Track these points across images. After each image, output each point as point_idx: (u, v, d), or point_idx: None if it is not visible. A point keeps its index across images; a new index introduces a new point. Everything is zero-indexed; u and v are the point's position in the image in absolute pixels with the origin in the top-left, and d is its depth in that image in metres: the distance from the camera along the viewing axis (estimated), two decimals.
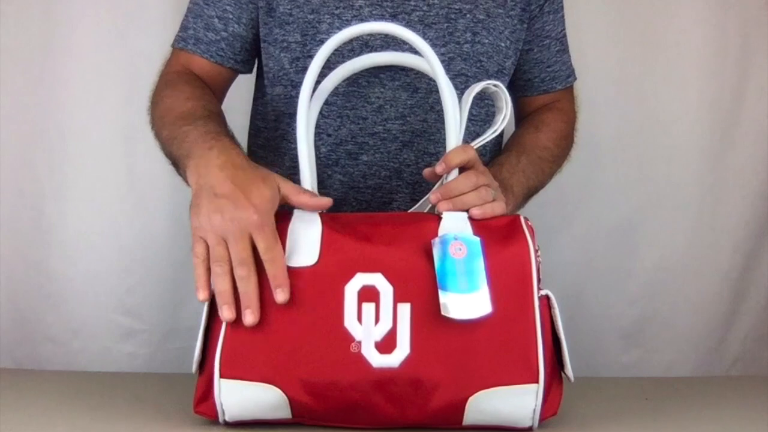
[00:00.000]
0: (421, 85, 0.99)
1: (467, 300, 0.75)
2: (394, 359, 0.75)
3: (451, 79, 0.97)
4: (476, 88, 0.87)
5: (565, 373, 0.81)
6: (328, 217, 0.81)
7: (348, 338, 0.75)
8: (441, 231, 0.79)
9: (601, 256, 1.51)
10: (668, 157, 1.50)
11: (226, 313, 0.75)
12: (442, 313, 0.74)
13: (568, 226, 1.50)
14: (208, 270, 0.77)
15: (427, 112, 1.00)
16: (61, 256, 1.44)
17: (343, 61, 0.94)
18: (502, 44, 1.02)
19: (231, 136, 0.88)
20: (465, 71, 1.00)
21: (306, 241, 0.78)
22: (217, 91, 1.05)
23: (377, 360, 0.75)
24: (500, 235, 0.80)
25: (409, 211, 0.91)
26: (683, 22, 1.49)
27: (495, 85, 0.87)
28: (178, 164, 0.88)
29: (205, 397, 0.78)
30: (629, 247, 1.52)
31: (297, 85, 0.93)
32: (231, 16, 1.02)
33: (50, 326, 1.45)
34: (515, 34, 1.04)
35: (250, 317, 0.75)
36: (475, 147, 0.85)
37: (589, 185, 1.50)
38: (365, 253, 0.77)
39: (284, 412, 0.77)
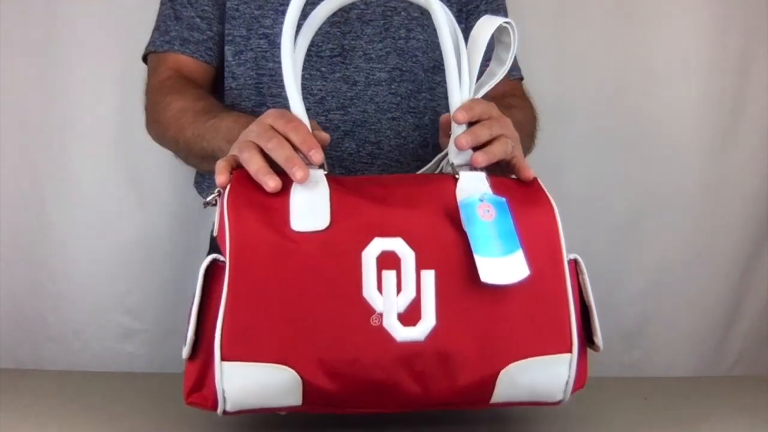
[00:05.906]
0: (359, 78, 1.02)
1: (503, 264, 0.69)
2: (419, 332, 0.68)
3: (388, 72, 1.02)
4: (487, 25, 0.78)
5: (595, 342, 0.76)
6: (331, 179, 0.73)
7: (368, 310, 0.67)
8: (460, 192, 0.73)
9: (601, 256, 1.51)
10: (668, 157, 1.50)
11: (270, 182, 0.70)
12: (482, 279, 0.68)
13: (568, 226, 1.49)
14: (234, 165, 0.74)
15: (366, 103, 1.02)
16: (61, 256, 1.44)
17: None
18: (438, 41, 1.03)
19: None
20: (400, 66, 1.03)
21: (313, 203, 0.70)
22: (207, 89, 1.06)
23: (401, 333, 0.67)
24: (523, 198, 0.74)
25: (421, 171, 0.84)
26: (684, 22, 1.49)
27: (506, 23, 0.80)
28: (213, 155, 0.87)
29: (199, 385, 0.69)
30: (629, 247, 1.52)
31: (238, 77, 1.03)
32: (212, 16, 1.04)
33: (51, 326, 1.45)
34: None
35: (299, 172, 0.69)
36: (480, 96, 0.80)
37: (588, 185, 1.50)
38: (382, 216, 0.70)
39: (294, 398, 0.69)
